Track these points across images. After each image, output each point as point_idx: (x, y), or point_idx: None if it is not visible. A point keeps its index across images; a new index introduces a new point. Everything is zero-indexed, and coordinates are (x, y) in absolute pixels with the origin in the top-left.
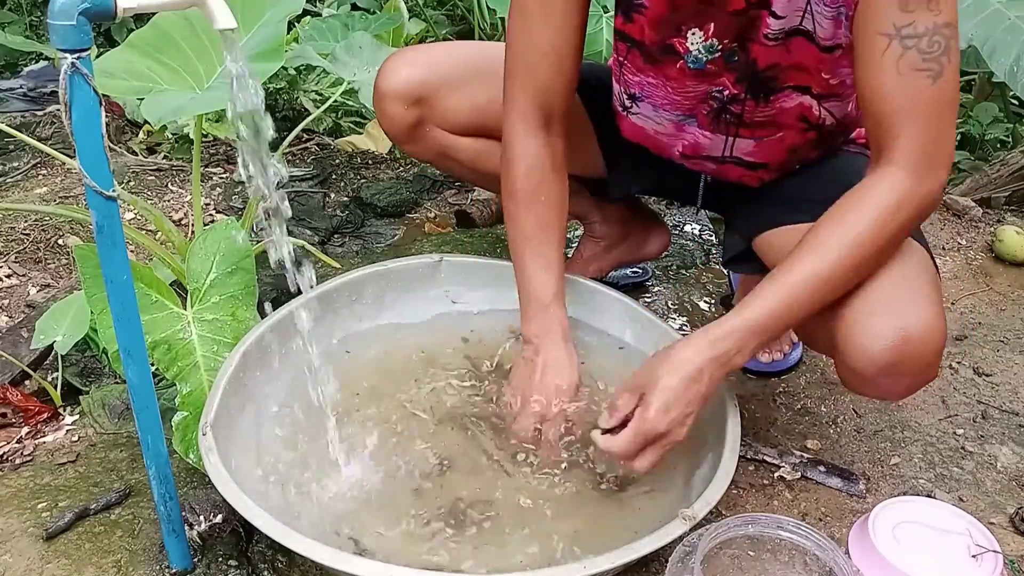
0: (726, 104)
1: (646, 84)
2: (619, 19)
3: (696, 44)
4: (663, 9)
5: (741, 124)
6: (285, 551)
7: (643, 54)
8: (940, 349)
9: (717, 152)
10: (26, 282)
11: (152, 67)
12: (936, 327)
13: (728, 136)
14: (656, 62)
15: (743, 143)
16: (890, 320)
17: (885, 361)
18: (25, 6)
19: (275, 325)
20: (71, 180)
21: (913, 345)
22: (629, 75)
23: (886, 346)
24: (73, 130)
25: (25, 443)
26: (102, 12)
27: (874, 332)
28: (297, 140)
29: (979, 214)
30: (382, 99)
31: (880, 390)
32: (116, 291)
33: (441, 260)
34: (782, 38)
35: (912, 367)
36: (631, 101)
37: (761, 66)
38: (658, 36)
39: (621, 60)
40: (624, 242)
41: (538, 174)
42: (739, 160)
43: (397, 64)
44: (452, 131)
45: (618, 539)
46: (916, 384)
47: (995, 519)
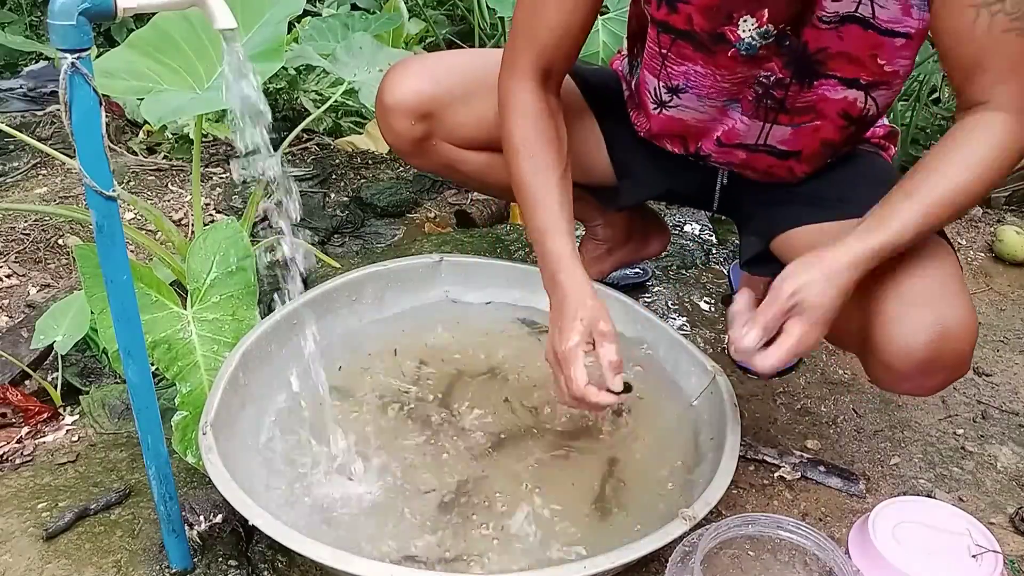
0: (769, 89)
1: (693, 73)
2: (661, 11)
3: (749, 31)
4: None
5: (781, 110)
6: (285, 551)
7: (692, 43)
8: (974, 343)
9: (752, 139)
10: (26, 282)
11: (152, 67)
12: (971, 321)
13: (766, 123)
14: (706, 50)
15: (779, 130)
16: (928, 315)
17: (923, 356)
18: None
19: (275, 325)
20: (71, 180)
21: (949, 340)
22: (673, 67)
23: (925, 341)
24: (73, 130)
25: (25, 443)
26: (102, 12)
27: (913, 327)
28: (297, 140)
29: (979, 214)
30: (388, 114)
31: (913, 385)
32: (116, 291)
33: (441, 260)
34: (836, 22)
35: (947, 362)
36: (671, 94)
37: (811, 49)
38: (709, 24)
39: (664, 52)
40: (626, 244)
41: (534, 121)
42: (772, 149)
43: (402, 77)
44: (459, 145)
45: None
46: (949, 380)
47: (995, 519)
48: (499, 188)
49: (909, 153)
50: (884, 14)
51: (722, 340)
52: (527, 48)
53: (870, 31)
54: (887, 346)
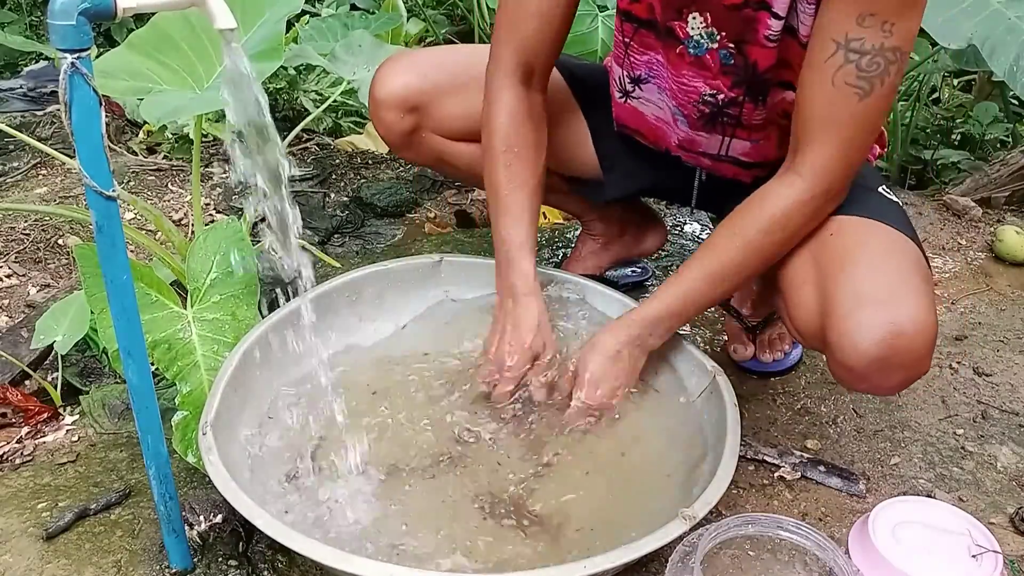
0: (722, 108)
1: (655, 62)
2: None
3: (697, 29)
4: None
5: (739, 126)
6: (285, 551)
7: (654, 32)
8: (931, 343)
9: (713, 150)
10: (26, 282)
11: (152, 67)
12: (926, 321)
13: (724, 136)
14: (664, 41)
15: (739, 144)
16: (879, 314)
17: (875, 356)
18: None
19: (275, 325)
20: (71, 180)
21: (904, 339)
22: (636, 55)
23: (876, 340)
24: (73, 130)
25: (25, 443)
26: (102, 12)
27: (863, 326)
28: (297, 140)
29: (979, 214)
30: (378, 106)
31: (871, 384)
32: (116, 291)
33: (441, 260)
34: (780, 38)
35: (903, 361)
36: (633, 84)
37: (761, 68)
38: (663, 17)
39: (627, 41)
40: (621, 239)
41: (514, 125)
42: (735, 160)
43: (392, 71)
44: (449, 137)
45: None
46: (908, 379)
47: (995, 519)
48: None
49: (910, 153)
50: (804, 29)
51: (722, 340)
52: (509, 41)
53: (795, 41)
54: (840, 345)
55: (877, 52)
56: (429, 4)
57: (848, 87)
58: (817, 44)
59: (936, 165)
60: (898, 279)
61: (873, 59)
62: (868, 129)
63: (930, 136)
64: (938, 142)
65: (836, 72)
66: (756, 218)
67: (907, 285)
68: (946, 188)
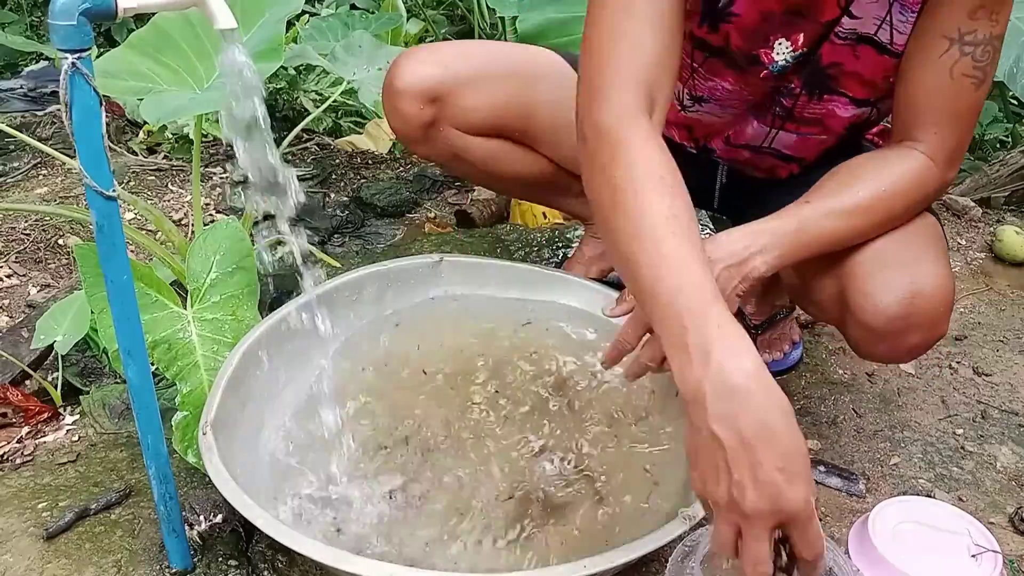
0: (780, 98)
1: (720, 88)
2: (703, 28)
3: (783, 54)
4: (755, 18)
5: (789, 118)
6: (285, 551)
7: (725, 60)
8: (950, 305)
9: (758, 142)
10: (26, 282)
11: (152, 67)
12: (945, 282)
13: (773, 128)
14: (738, 68)
15: (786, 136)
16: (900, 273)
17: (895, 314)
18: (25, 6)
19: (275, 325)
20: (71, 180)
21: (923, 298)
22: (701, 80)
23: (897, 298)
24: (73, 130)
25: (25, 443)
26: (103, 12)
27: (885, 285)
28: (297, 140)
29: (979, 214)
30: (396, 97)
31: (889, 347)
32: (116, 291)
33: (441, 260)
34: (852, 40)
35: (922, 321)
36: (694, 102)
37: (824, 63)
38: (746, 45)
39: (695, 66)
40: None
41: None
42: (776, 152)
43: (412, 62)
44: (467, 131)
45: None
46: (925, 341)
47: (995, 519)
48: (502, 178)
49: None
50: (901, 39)
51: None
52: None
53: (885, 55)
54: (862, 304)
55: (987, 41)
56: (429, 4)
57: (966, 78)
58: (927, 41)
59: None
60: (917, 245)
61: (985, 49)
62: (979, 111)
63: None
64: None
65: (954, 65)
66: (896, 176)
67: (926, 251)
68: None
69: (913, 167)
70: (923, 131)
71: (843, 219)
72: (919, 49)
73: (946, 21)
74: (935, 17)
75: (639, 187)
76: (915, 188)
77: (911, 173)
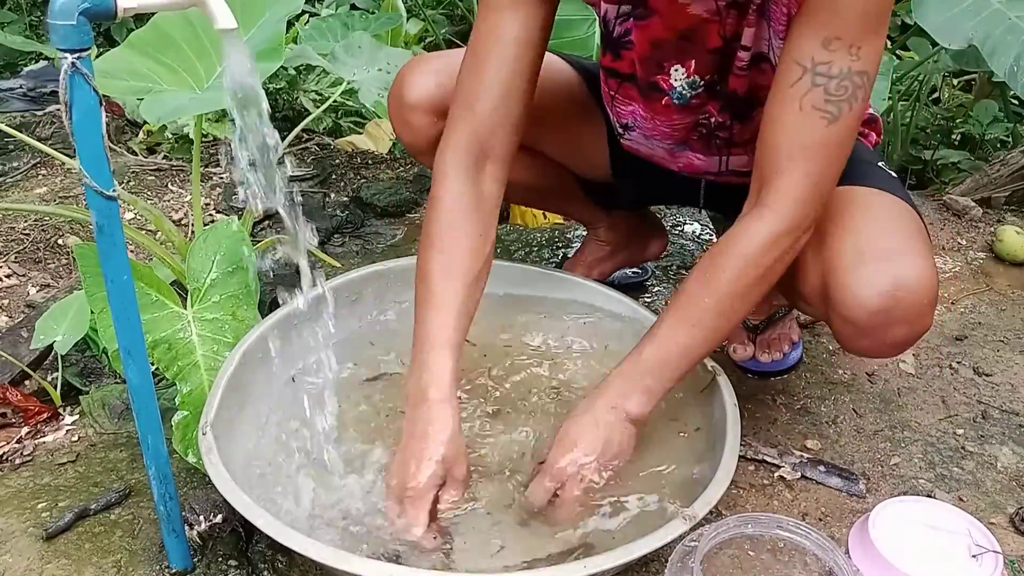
0: (714, 130)
1: (637, 115)
2: (607, 57)
3: (680, 80)
4: (646, 48)
5: (732, 144)
6: (285, 551)
7: (636, 87)
8: (933, 298)
9: (713, 169)
10: (26, 282)
11: (152, 67)
12: (928, 275)
13: (721, 156)
14: (645, 96)
15: (737, 159)
16: (882, 267)
17: (877, 307)
18: (25, 6)
19: (275, 325)
20: (71, 180)
21: (906, 291)
22: (620, 106)
23: (879, 291)
24: (73, 130)
25: (25, 443)
26: (102, 12)
27: (866, 279)
28: (297, 140)
29: (979, 214)
30: (407, 111)
31: (874, 341)
32: (116, 291)
33: None
34: (752, 66)
35: (905, 314)
36: (623, 130)
37: (742, 94)
38: (643, 73)
39: (612, 94)
40: (628, 247)
41: (456, 216)
42: (736, 172)
43: (422, 74)
44: None
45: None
46: (910, 335)
47: (995, 519)
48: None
49: (910, 153)
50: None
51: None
52: (462, 116)
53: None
54: (843, 298)
55: (845, 76)
56: (429, 4)
57: (816, 111)
58: (783, 69)
59: (936, 165)
60: (899, 238)
61: (841, 83)
62: (837, 155)
63: (930, 136)
64: (938, 142)
65: (804, 96)
66: (729, 261)
67: (908, 243)
68: (946, 188)
69: (755, 243)
70: (770, 173)
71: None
72: (777, 77)
73: (800, 48)
74: (792, 43)
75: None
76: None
77: (748, 250)
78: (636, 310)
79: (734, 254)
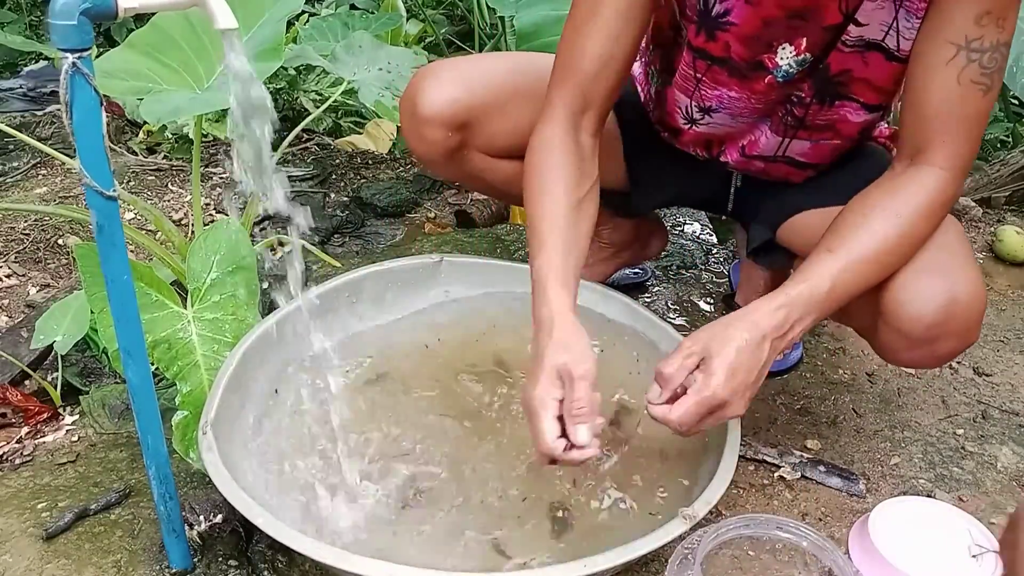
0: (792, 109)
1: (727, 97)
2: (700, 37)
3: (787, 59)
4: (755, 26)
5: (801, 126)
6: (285, 551)
7: (728, 69)
8: (982, 312)
9: (771, 152)
10: (26, 282)
11: (152, 67)
12: (980, 290)
13: (786, 137)
14: (741, 76)
15: (799, 144)
16: (937, 281)
17: (931, 321)
18: (25, 6)
19: (276, 325)
20: (71, 180)
21: (959, 307)
22: (707, 90)
23: (936, 306)
24: (73, 130)
25: (25, 443)
26: (103, 12)
27: (924, 292)
28: (297, 140)
29: (979, 214)
30: (422, 124)
31: (923, 353)
32: (116, 291)
33: (441, 260)
34: (860, 47)
35: (957, 328)
36: (703, 114)
37: (833, 71)
38: (748, 53)
39: (699, 76)
40: (631, 247)
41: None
42: (790, 160)
43: (436, 85)
44: (494, 154)
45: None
46: (958, 347)
47: (995, 519)
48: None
49: None
50: (907, 45)
51: None
52: (564, 81)
53: (893, 61)
54: (898, 311)
55: (994, 48)
56: (429, 4)
57: (974, 85)
58: (933, 48)
59: None
60: (949, 252)
61: (992, 56)
62: (986, 120)
63: None
64: None
65: (961, 72)
66: (914, 202)
67: (958, 257)
68: None
69: (929, 190)
70: (932, 141)
71: (872, 266)
72: (924, 56)
73: (952, 27)
74: (940, 23)
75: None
76: (935, 210)
77: (928, 197)
78: (636, 311)
79: (918, 200)
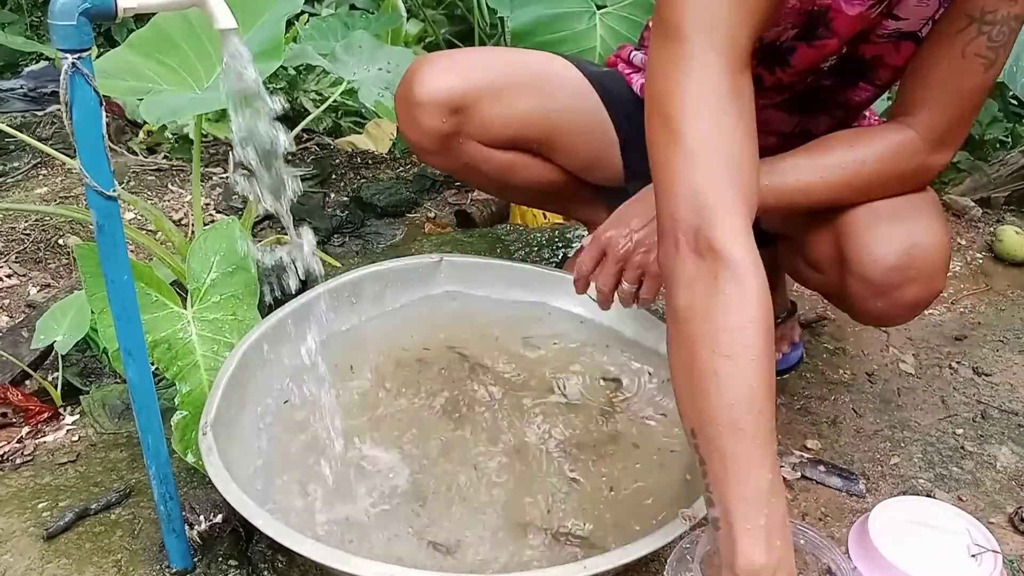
0: (813, 87)
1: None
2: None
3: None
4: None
5: (821, 108)
6: (285, 551)
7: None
8: (946, 259)
9: (787, 128)
10: (26, 282)
11: (152, 67)
12: (942, 239)
13: (803, 114)
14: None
15: (812, 121)
16: (898, 226)
17: (892, 264)
18: (25, 6)
19: (276, 325)
20: (71, 180)
21: (921, 250)
22: None
23: (894, 249)
24: (74, 130)
25: (25, 443)
26: (103, 12)
27: (883, 236)
28: (297, 140)
29: (979, 214)
30: (417, 109)
31: (888, 302)
32: (116, 291)
33: (441, 260)
34: (895, 38)
35: (919, 274)
36: None
37: (867, 57)
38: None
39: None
40: None
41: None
42: (806, 133)
43: (432, 72)
44: (486, 143)
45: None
46: (923, 296)
47: (995, 519)
48: (514, 188)
49: None
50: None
51: None
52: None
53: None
54: (859, 255)
55: (1005, 21)
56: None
57: (977, 58)
58: (947, 18)
59: None
60: (913, 204)
61: (1001, 28)
62: (983, 98)
63: None
64: None
65: (968, 44)
66: (873, 143)
67: (922, 209)
68: (946, 188)
69: (895, 138)
70: (919, 107)
71: (817, 172)
72: (939, 23)
73: (972, 1)
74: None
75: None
76: (893, 157)
77: (891, 143)
78: (635, 311)
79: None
